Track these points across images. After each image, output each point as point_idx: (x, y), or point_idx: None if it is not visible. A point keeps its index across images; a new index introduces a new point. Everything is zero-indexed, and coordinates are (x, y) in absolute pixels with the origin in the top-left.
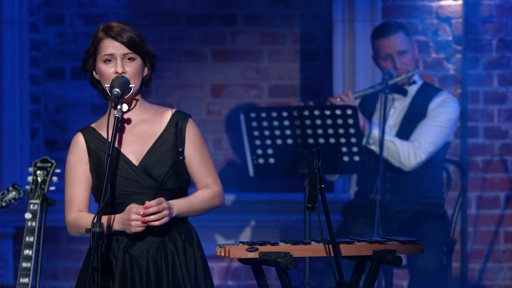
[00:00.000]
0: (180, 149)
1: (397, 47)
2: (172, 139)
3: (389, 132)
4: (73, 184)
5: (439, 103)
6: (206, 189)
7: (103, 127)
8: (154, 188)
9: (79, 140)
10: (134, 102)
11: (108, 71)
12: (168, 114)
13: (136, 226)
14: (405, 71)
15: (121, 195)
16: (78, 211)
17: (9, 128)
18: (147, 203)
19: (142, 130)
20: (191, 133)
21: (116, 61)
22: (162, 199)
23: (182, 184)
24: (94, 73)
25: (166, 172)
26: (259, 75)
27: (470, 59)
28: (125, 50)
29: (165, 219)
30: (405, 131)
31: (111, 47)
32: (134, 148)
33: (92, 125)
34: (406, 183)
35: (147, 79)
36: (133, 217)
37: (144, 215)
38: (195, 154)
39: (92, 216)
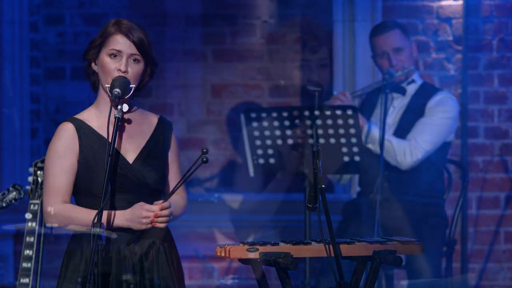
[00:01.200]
0: (205, 150)
1: (392, 44)
2: (161, 143)
3: (387, 131)
4: (60, 173)
5: (437, 101)
6: (181, 197)
7: (92, 120)
8: (145, 187)
9: (70, 129)
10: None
11: (111, 66)
12: (155, 118)
13: (147, 223)
14: (401, 69)
15: (111, 191)
16: (64, 201)
17: (9, 128)
18: (163, 204)
19: (132, 128)
20: (174, 140)
21: (122, 59)
22: (170, 203)
23: (165, 186)
24: (93, 64)
25: (158, 174)
26: (259, 75)
27: (470, 59)
28: (133, 50)
29: (165, 224)
30: (403, 129)
31: (121, 43)
32: (127, 145)
33: (78, 117)
34: (404, 182)
35: (143, 85)
36: (145, 214)
37: (156, 215)
38: (176, 160)
39: (83, 210)
